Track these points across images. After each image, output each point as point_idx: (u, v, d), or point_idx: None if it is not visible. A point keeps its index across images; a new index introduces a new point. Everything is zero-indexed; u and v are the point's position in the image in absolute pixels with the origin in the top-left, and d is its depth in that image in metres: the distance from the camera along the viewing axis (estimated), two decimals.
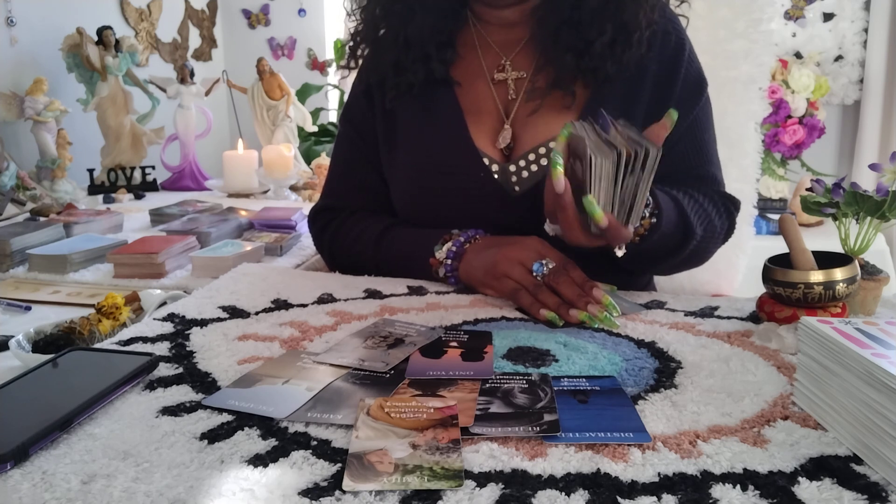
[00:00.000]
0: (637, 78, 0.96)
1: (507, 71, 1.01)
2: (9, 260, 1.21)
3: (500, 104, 1.00)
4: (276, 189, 2.06)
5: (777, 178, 2.75)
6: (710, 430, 0.53)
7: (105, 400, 0.56)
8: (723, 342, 0.71)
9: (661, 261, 0.94)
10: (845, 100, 2.88)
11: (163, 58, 2.93)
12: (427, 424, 0.52)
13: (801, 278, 0.72)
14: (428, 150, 1.00)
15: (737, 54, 1.28)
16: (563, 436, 0.51)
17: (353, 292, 0.89)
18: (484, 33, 1.03)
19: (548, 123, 0.96)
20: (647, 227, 0.85)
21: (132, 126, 2.23)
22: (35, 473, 0.46)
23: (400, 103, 1.02)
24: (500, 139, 0.98)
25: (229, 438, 0.51)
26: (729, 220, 1.00)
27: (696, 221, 0.92)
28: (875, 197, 0.78)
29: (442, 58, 1.00)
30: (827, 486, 0.45)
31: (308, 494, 0.44)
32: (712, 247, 0.99)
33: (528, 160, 0.96)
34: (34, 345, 0.75)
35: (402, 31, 0.99)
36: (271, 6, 3.40)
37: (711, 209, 0.97)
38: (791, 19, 2.88)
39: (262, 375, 0.62)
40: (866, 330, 0.53)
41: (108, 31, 2.17)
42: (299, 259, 1.29)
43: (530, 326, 0.77)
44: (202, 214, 1.56)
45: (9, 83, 2.04)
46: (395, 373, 0.62)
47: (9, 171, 1.79)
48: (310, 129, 2.48)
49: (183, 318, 0.77)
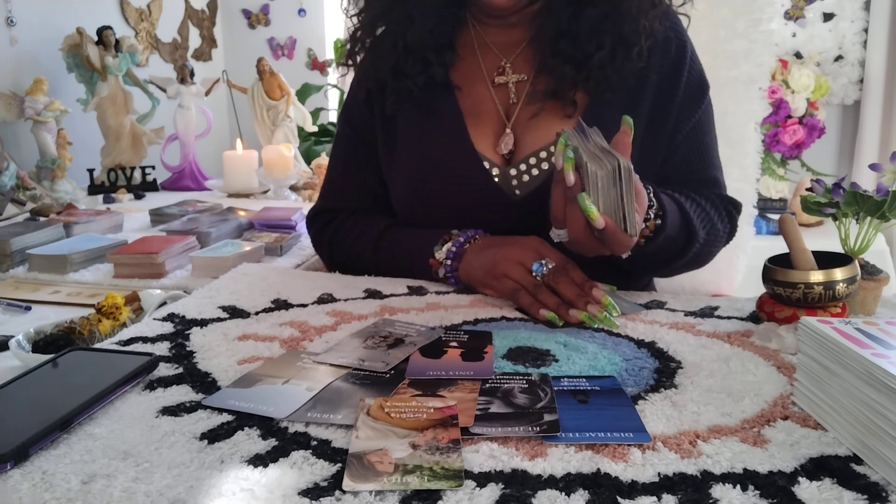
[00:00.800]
0: (639, 83, 0.95)
1: (508, 74, 1.00)
2: (9, 260, 1.21)
3: (500, 107, 1.00)
4: (276, 189, 2.07)
5: (777, 178, 2.76)
6: (710, 430, 0.53)
7: (105, 400, 0.56)
8: (723, 342, 0.71)
9: (664, 264, 0.94)
10: (845, 100, 2.88)
11: (163, 58, 2.93)
12: (427, 424, 0.52)
13: (801, 278, 0.72)
14: (428, 154, 0.99)
15: (737, 54, 1.28)
16: (563, 436, 0.51)
17: (353, 292, 0.89)
18: (483, 34, 1.03)
19: (549, 127, 0.95)
20: (652, 230, 0.85)
21: (132, 126, 2.23)
22: (35, 473, 0.46)
23: (400, 107, 1.01)
24: (503, 144, 0.97)
25: (229, 438, 0.51)
26: (731, 222, 1.00)
27: (698, 224, 0.92)
28: (875, 197, 0.78)
29: (441, 61, 1.00)
30: (827, 486, 0.45)
31: (308, 494, 0.44)
32: (714, 249, 0.99)
33: (529, 164, 0.95)
34: (34, 345, 0.75)
35: (402, 36, 0.98)
36: (271, 6, 3.40)
37: (713, 212, 0.97)
38: (791, 19, 2.88)
39: (262, 375, 0.62)
40: (866, 330, 0.53)
41: (108, 31, 2.17)
42: (299, 259, 1.29)
43: (530, 326, 0.77)
44: (202, 214, 1.56)
45: (9, 83, 2.04)
46: (395, 373, 0.62)
47: (9, 171, 1.79)
48: (310, 129, 2.48)
49: (183, 318, 0.77)
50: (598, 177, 0.72)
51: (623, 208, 0.72)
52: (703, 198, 0.96)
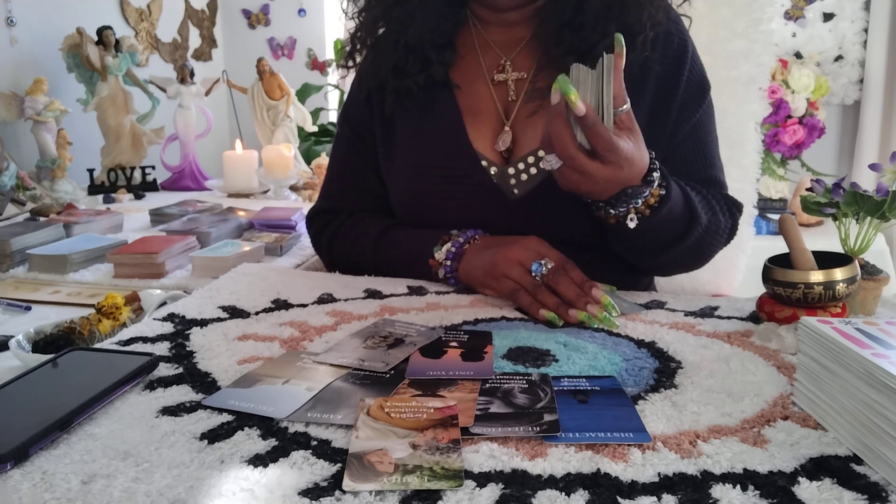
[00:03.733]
0: (640, 80, 0.95)
1: (508, 71, 1.00)
2: (9, 260, 1.21)
3: (499, 105, 0.99)
4: (275, 189, 2.07)
5: (777, 178, 2.76)
6: (710, 430, 0.53)
7: (105, 400, 0.56)
8: (723, 342, 0.71)
9: (667, 247, 0.91)
10: (845, 100, 2.88)
11: (163, 58, 2.93)
12: (427, 424, 0.52)
13: (801, 278, 0.72)
14: (426, 153, 0.99)
15: (737, 54, 1.28)
16: (563, 436, 0.51)
17: (353, 292, 0.89)
18: (484, 33, 1.03)
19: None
20: (657, 198, 0.84)
21: (132, 126, 2.23)
22: (35, 473, 0.46)
23: (399, 106, 1.01)
24: (500, 142, 0.97)
25: (229, 438, 0.51)
26: (732, 219, 1.00)
27: (700, 208, 0.91)
28: (875, 197, 0.78)
29: (441, 60, 1.00)
30: (827, 486, 0.45)
31: (308, 494, 0.44)
32: (716, 243, 0.98)
33: (528, 163, 0.95)
34: (34, 345, 0.75)
35: (403, 36, 0.98)
36: (271, 6, 3.40)
37: (715, 204, 0.96)
38: (791, 19, 2.88)
39: (262, 375, 0.62)
40: (866, 330, 0.53)
41: (108, 31, 2.17)
42: (299, 259, 1.29)
43: (530, 326, 0.77)
44: (202, 214, 1.56)
45: (9, 83, 2.04)
46: (395, 373, 0.62)
47: (9, 171, 1.79)
48: (310, 129, 2.48)
49: (183, 318, 0.77)
50: (580, 71, 0.74)
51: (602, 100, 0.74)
52: (705, 191, 0.96)
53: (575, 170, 0.77)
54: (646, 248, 0.92)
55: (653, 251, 0.93)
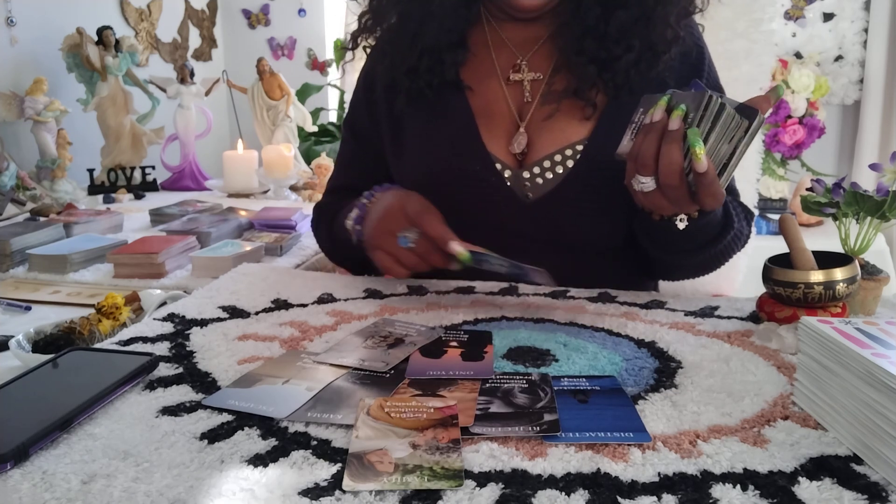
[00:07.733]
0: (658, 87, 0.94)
1: (524, 71, 0.97)
2: (9, 260, 1.21)
3: (513, 107, 0.97)
4: (275, 189, 2.07)
5: (777, 178, 2.76)
6: (710, 430, 0.53)
7: (105, 400, 0.56)
8: (723, 342, 0.71)
9: (701, 248, 0.89)
10: (845, 100, 2.88)
11: (163, 58, 2.93)
12: (427, 424, 0.52)
13: (801, 278, 0.72)
14: (438, 155, 0.96)
15: (737, 54, 1.28)
16: (563, 436, 0.51)
17: (353, 292, 0.89)
18: (499, 31, 1.00)
19: (563, 129, 0.93)
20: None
21: (132, 126, 2.23)
22: (35, 473, 0.46)
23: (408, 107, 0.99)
24: (515, 144, 0.94)
25: (229, 438, 0.51)
26: (749, 227, 0.99)
27: (733, 211, 0.90)
28: (875, 197, 0.78)
29: (453, 59, 0.97)
30: (827, 486, 0.45)
31: (308, 494, 0.44)
32: (736, 249, 0.96)
33: (543, 167, 0.93)
34: (34, 345, 0.75)
35: (415, 36, 0.96)
36: (271, 6, 3.40)
37: (741, 212, 0.96)
38: (791, 19, 2.88)
39: (262, 375, 0.62)
40: (866, 330, 0.53)
41: (108, 31, 2.17)
42: (299, 259, 1.29)
43: (530, 326, 0.77)
44: (202, 214, 1.56)
45: (9, 83, 2.04)
46: (395, 373, 0.62)
47: (9, 171, 1.79)
48: (310, 129, 2.48)
49: (183, 318, 0.77)
50: (719, 121, 0.72)
51: (731, 159, 0.73)
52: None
53: (668, 198, 0.76)
54: (680, 248, 0.89)
55: (687, 251, 0.89)
